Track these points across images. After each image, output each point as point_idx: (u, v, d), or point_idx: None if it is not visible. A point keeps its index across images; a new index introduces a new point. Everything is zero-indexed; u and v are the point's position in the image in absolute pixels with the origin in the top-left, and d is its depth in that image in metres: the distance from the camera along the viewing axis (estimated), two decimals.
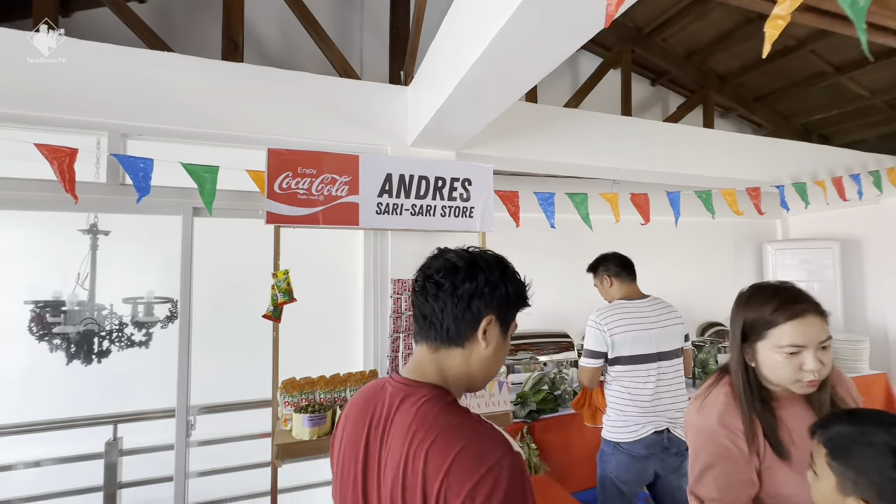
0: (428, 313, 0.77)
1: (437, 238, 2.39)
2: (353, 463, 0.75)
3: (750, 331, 0.99)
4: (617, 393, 1.88)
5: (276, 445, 1.60)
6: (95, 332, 2.88)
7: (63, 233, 3.00)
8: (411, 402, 0.72)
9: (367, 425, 0.75)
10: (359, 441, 0.75)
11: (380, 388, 0.80)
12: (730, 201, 2.95)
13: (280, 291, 1.84)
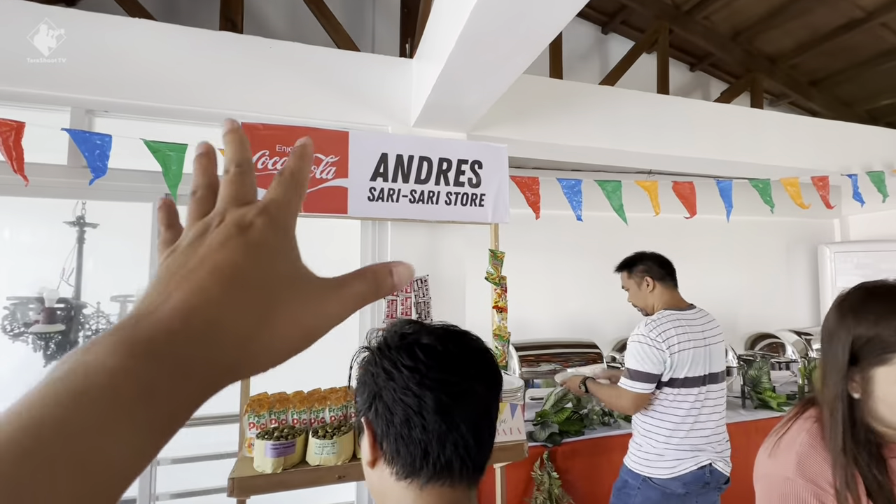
0: (487, 433, 0.51)
1: (444, 230, 2.07)
2: None
3: (863, 351, 0.73)
4: (656, 419, 1.56)
5: (230, 479, 1.30)
6: (78, 331, 2.70)
7: (48, 224, 2.84)
8: None
9: None
10: None
11: None
12: (792, 192, 2.51)
13: None
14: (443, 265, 2.03)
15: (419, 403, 0.47)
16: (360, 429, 0.53)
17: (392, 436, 0.48)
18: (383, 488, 0.49)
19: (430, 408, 0.47)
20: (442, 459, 0.47)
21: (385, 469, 0.48)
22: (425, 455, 0.47)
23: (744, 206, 3.43)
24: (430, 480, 0.47)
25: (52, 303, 2.51)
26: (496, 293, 1.86)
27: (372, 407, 0.49)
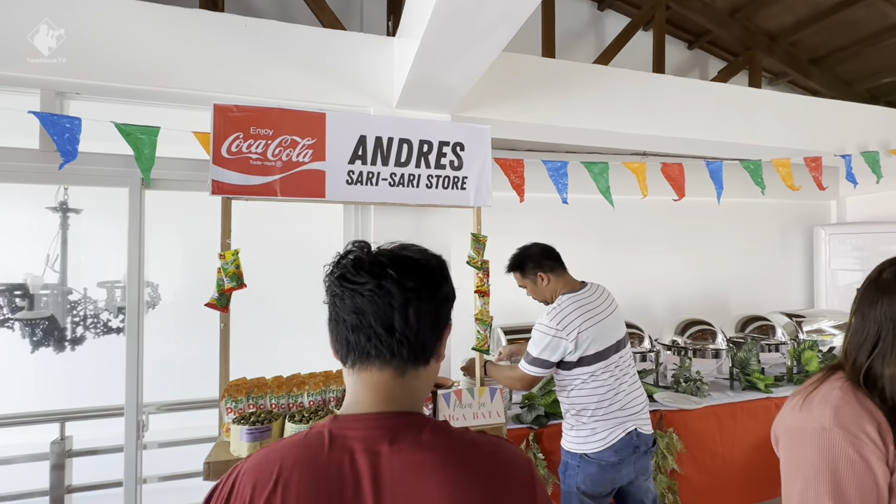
0: (399, 325, 0.58)
1: (428, 214, 2.04)
2: None
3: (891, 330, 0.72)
4: (580, 399, 1.62)
5: (206, 463, 1.30)
6: (66, 318, 2.69)
7: (30, 211, 2.81)
8: (409, 441, 0.54)
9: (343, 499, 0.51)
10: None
11: (322, 444, 0.55)
12: (783, 174, 2.46)
13: (227, 275, 1.54)
14: (427, 247, 2.00)
15: (340, 303, 0.59)
16: None
17: (332, 333, 0.62)
18: (344, 377, 0.63)
19: (348, 307, 0.59)
20: (357, 347, 0.59)
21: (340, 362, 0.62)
22: (347, 344, 0.60)
23: (738, 188, 3.38)
24: (356, 364, 0.60)
25: (38, 289, 2.50)
26: (478, 277, 1.84)
27: (328, 316, 0.62)
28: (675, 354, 3.14)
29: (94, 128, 1.68)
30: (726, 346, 3.15)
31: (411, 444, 0.54)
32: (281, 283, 2.58)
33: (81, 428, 2.04)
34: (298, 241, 2.48)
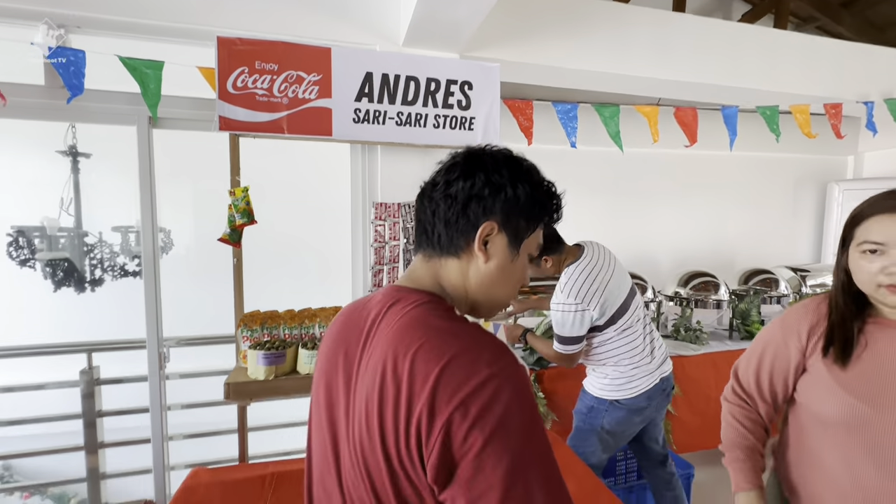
0: (421, 218, 0.66)
1: (434, 156, 2.02)
2: (326, 385, 0.64)
3: (846, 233, 0.90)
4: (615, 350, 1.63)
5: (226, 384, 1.39)
6: (84, 260, 2.78)
7: (41, 155, 2.83)
8: (400, 307, 0.59)
9: (347, 340, 0.63)
10: (336, 359, 0.63)
11: (365, 301, 0.67)
12: (801, 120, 2.39)
13: (238, 212, 1.57)
14: None
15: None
16: None
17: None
18: None
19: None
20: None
21: None
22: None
23: (751, 141, 3.28)
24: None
25: (55, 231, 2.57)
26: None
27: None
28: (677, 305, 3.19)
29: (100, 68, 1.66)
30: (728, 298, 3.18)
31: (397, 310, 0.58)
32: (290, 225, 2.62)
33: (107, 360, 2.16)
34: (305, 183, 2.49)
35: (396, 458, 0.50)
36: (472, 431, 0.46)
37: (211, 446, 2.19)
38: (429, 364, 0.50)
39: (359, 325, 0.62)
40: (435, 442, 0.47)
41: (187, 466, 2.14)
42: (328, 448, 0.61)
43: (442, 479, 0.47)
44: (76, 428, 2.06)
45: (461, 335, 0.53)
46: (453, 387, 0.48)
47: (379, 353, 0.55)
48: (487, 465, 0.45)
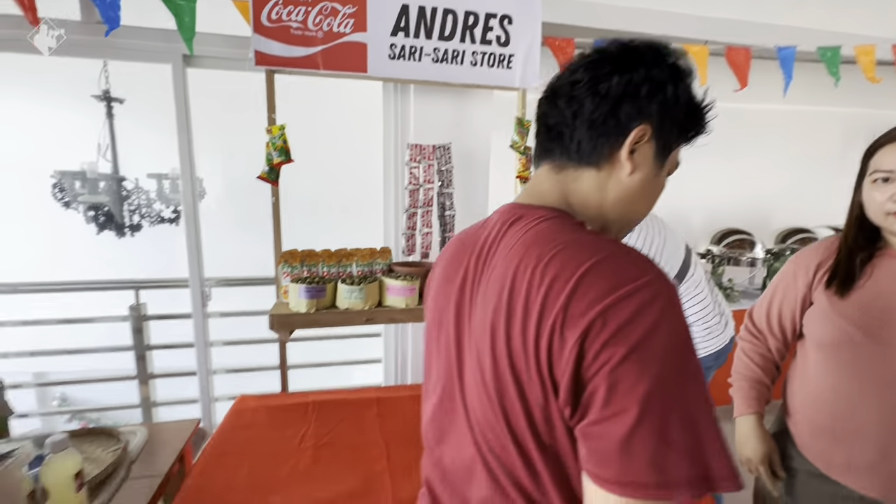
0: (553, 122, 0.55)
1: (470, 98, 1.97)
2: (441, 311, 0.59)
3: (862, 165, 0.90)
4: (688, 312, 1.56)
5: (270, 316, 1.45)
6: (122, 205, 2.86)
7: (76, 100, 2.86)
8: (524, 224, 0.52)
9: (462, 263, 0.58)
10: (450, 283, 0.58)
11: (479, 225, 0.62)
12: (865, 63, 2.20)
13: (275, 149, 1.57)
14: (467, 134, 1.97)
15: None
16: None
17: None
18: None
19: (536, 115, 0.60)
20: (536, 150, 0.60)
21: None
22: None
23: (801, 92, 3.07)
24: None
25: (94, 175, 2.64)
26: (521, 163, 1.82)
27: None
28: (709, 263, 3.12)
29: (134, 4, 1.63)
30: (763, 256, 3.10)
31: (521, 226, 0.52)
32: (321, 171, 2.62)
33: (151, 298, 2.27)
34: (336, 127, 2.46)
35: (526, 378, 0.45)
36: (609, 346, 0.39)
37: (252, 382, 2.32)
38: (563, 273, 0.43)
39: (475, 247, 0.57)
40: (568, 358, 0.41)
41: (230, 398, 2.28)
42: (447, 376, 0.57)
43: (573, 400, 0.42)
44: (121, 364, 2.21)
45: (600, 245, 0.45)
46: (591, 297, 0.41)
47: (502, 268, 0.50)
48: (623, 385, 0.39)
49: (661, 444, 0.38)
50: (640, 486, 0.38)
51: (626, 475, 0.38)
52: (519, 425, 0.46)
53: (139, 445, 1.25)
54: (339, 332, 2.42)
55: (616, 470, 0.39)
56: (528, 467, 0.47)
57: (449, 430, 0.57)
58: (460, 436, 0.54)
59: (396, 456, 1.29)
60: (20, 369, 2.27)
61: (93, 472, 1.08)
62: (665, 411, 0.38)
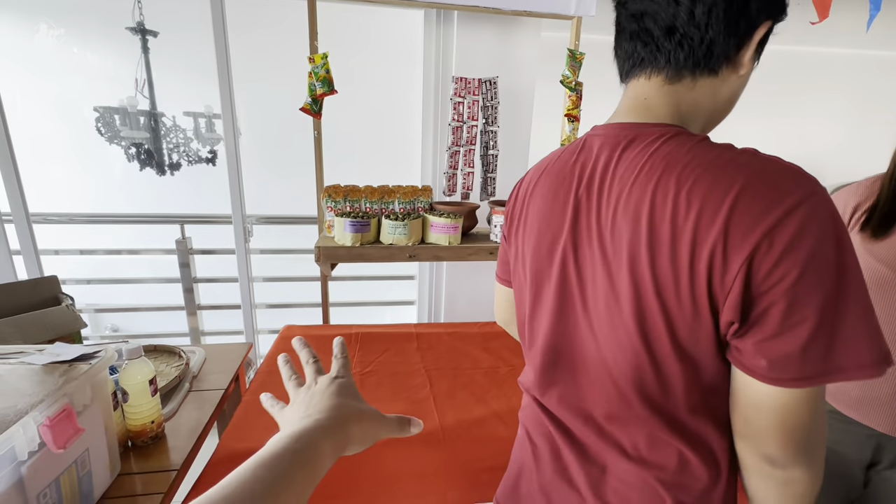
0: (666, 22, 0.48)
1: (514, 27, 1.84)
2: (556, 242, 0.56)
3: None
4: None
5: (316, 248, 1.47)
6: (161, 143, 2.90)
7: (111, 34, 2.83)
8: (641, 147, 0.49)
9: (573, 194, 0.54)
10: (561, 214, 0.55)
11: (570, 151, 0.57)
12: None
13: (318, 80, 1.53)
14: (513, 69, 1.87)
15: (622, 11, 0.54)
16: None
17: (614, 52, 0.57)
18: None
19: (628, 11, 0.52)
20: (633, 56, 0.53)
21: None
22: (623, 55, 0.55)
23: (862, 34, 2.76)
24: (629, 75, 0.54)
25: (134, 110, 2.66)
26: (570, 100, 1.72)
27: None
28: None
29: None
30: None
31: (639, 149, 0.49)
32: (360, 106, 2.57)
33: (195, 234, 2.34)
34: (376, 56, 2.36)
35: (674, 301, 0.45)
36: (780, 266, 0.39)
37: (291, 318, 2.42)
38: (712, 199, 0.41)
39: (581, 177, 0.54)
40: (734, 280, 0.41)
41: (271, 332, 2.39)
42: (562, 307, 0.56)
43: (740, 317, 0.42)
44: (166, 298, 2.32)
45: (743, 163, 0.43)
46: (751, 220, 0.40)
47: (633, 197, 0.47)
48: (800, 301, 0.40)
49: (836, 340, 0.41)
50: (818, 375, 0.42)
51: (805, 372, 0.41)
52: (659, 342, 0.48)
53: (199, 363, 1.33)
54: (373, 272, 2.47)
55: (796, 370, 0.42)
56: (660, 378, 0.49)
57: (567, 358, 0.58)
58: (583, 358, 0.56)
59: (438, 385, 1.33)
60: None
61: (160, 384, 1.16)
62: (839, 314, 0.40)
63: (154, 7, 2.63)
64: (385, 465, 1.04)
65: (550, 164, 0.60)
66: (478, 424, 1.14)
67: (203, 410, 1.13)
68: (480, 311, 2.20)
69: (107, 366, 0.82)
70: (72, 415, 0.72)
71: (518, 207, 0.65)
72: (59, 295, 1.31)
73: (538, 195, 0.60)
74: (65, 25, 2.98)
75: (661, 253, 0.45)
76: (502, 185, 1.94)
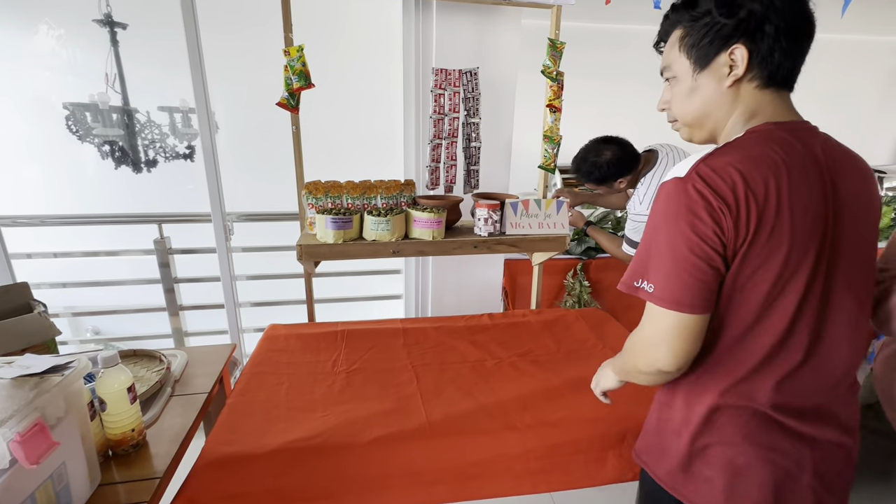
0: (798, 56, 0.70)
1: (494, 16, 1.82)
2: (815, 228, 0.65)
3: None
4: None
5: (298, 246, 1.45)
6: (136, 140, 2.81)
7: (78, 27, 2.72)
8: (827, 141, 0.71)
9: (822, 183, 0.66)
10: (814, 201, 0.65)
11: (784, 140, 0.66)
12: None
13: (294, 74, 1.49)
14: (494, 60, 1.85)
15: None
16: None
17: (761, 48, 0.68)
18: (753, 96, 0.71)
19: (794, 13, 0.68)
20: (788, 68, 0.70)
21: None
22: (782, 60, 0.69)
23: (838, 19, 2.79)
24: (783, 85, 0.71)
25: (106, 106, 2.57)
26: (552, 90, 1.71)
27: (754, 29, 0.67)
28: None
29: None
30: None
31: (830, 144, 0.69)
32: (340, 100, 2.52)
33: (174, 233, 2.28)
34: (356, 48, 2.32)
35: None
36: None
37: (276, 316, 2.39)
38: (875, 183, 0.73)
39: (820, 168, 0.67)
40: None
41: (257, 330, 2.36)
42: (816, 284, 0.66)
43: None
44: (147, 299, 2.27)
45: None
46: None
47: (858, 183, 0.70)
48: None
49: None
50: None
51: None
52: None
53: (181, 366, 1.30)
54: (360, 268, 2.45)
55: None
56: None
57: (824, 331, 0.69)
58: (837, 326, 0.69)
59: (424, 380, 1.33)
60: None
61: (140, 390, 1.14)
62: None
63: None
64: (372, 462, 1.04)
65: (778, 156, 0.66)
66: (465, 418, 1.15)
67: (186, 415, 1.11)
68: (467, 303, 2.21)
69: (80, 376, 0.80)
70: (44, 429, 0.70)
71: (763, 203, 0.64)
72: (31, 302, 1.27)
73: (786, 187, 0.65)
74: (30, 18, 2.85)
75: (878, 223, 0.75)
76: (486, 177, 1.93)
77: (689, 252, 0.63)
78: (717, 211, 0.61)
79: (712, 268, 0.63)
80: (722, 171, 0.62)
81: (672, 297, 0.64)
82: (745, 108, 0.70)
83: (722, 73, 0.69)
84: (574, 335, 1.62)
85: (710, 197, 0.61)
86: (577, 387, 1.27)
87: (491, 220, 1.56)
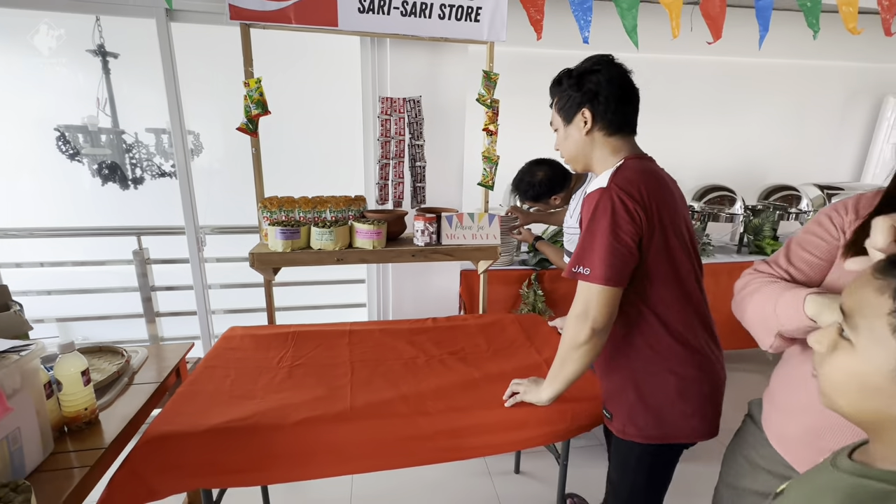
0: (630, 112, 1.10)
1: (445, 52, 2.03)
2: (679, 215, 1.02)
3: None
4: None
5: (250, 254, 1.62)
6: (124, 158, 3.02)
7: (72, 56, 2.95)
8: (659, 168, 1.10)
9: (673, 189, 1.06)
10: (675, 199, 1.03)
11: (650, 165, 1.07)
12: (847, 13, 2.18)
13: (252, 102, 1.68)
14: (442, 88, 2.05)
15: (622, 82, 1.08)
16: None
17: (606, 107, 1.04)
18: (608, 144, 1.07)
19: (626, 85, 1.09)
20: (631, 121, 1.10)
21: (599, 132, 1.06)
22: (629, 117, 1.10)
23: (800, 46, 3.00)
24: (630, 133, 1.11)
25: (95, 128, 2.78)
26: (487, 115, 1.91)
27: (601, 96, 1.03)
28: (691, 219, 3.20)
29: None
30: (742, 213, 3.17)
31: (659, 166, 1.09)
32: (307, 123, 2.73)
33: (155, 245, 2.46)
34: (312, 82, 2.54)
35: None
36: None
37: (247, 321, 2.55)
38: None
39: (670, 180, 1.07)
40: None
41: None
42: (694, 256, 1.06)
43: None
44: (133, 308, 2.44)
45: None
46: None
47: (678, 191, 1.08)
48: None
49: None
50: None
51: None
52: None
53: (140, 360, 1.46)
54: (327, 277, 2.61)
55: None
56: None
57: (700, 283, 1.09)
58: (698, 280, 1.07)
59: (359, 374, 1.48)
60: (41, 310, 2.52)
61: (99, 378, 1.30)
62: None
63: (114, 31, 2.76)
64: (299, 440, 1.19)
65: (652, 171, 1.05)
66: (384, 405, 1.30)
67: (137, 400, 1.27)
68: (426, 311, 2.36)
69: (36, 357, 0.96)
70: (1, 396, 0.86)
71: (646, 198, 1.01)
72: (8, 302, 1.44)
73: (661, 189, 1.02)
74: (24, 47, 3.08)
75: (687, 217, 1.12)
76: (438, 194, 2.11)
77: (615, 242, 0.92)
78: (632, 210, 0.93)
79: (632, 253, 0.94)
80: (631, 183, 0.95)
81: (603, 275, 0.93)
82: (604, 148, 1.07)
83: (580, 126, 1.06)
84: (506, 336, 1.77)
85: (627, 201, 0.93)
86: (493, 379, 1.42)
87: (427, 232, 1.74)
